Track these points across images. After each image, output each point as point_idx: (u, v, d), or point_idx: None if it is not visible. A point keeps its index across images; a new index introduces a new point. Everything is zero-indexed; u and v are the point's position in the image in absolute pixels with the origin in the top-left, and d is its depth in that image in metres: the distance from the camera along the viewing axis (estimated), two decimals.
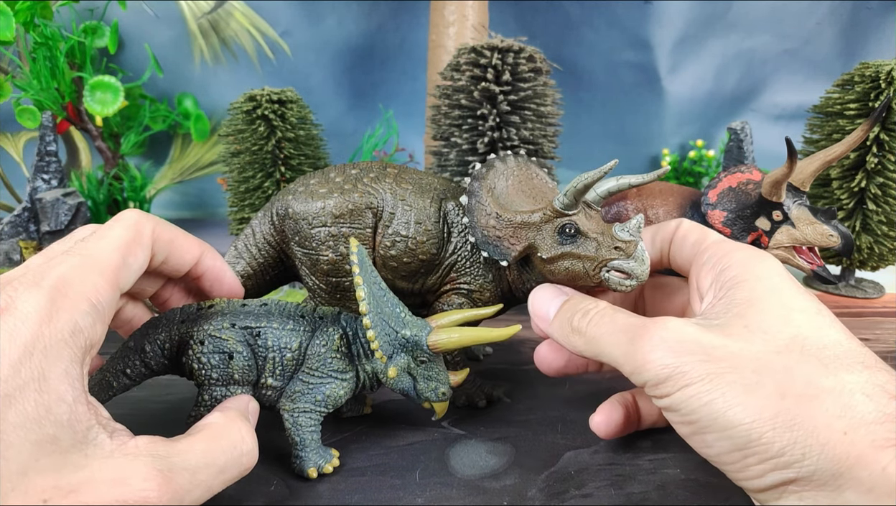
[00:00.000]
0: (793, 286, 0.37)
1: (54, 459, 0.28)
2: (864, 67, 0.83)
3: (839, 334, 0.34)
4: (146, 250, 0.40)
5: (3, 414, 0.27)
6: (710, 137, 1.56)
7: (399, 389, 0.45)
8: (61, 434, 0.29)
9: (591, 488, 0.43)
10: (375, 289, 0.45)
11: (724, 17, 1.51)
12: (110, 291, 0.35)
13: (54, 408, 0.29)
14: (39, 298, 0.31)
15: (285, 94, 0.90)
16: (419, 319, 0.46)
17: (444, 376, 0.46)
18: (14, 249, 1.00)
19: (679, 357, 0.33)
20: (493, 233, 0.48)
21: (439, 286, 0.54)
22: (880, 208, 0.82)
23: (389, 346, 0.44)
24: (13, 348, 0.29)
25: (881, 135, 0.80)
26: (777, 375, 0.31)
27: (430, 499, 0.42)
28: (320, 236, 0.52)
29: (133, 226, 0.39)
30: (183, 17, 1.49)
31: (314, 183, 0.54)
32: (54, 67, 1.17)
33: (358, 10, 1.51)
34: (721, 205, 0.61)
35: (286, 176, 0.91)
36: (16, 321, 0.30)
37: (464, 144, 0.81)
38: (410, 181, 0.54)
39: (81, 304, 0.33)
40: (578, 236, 0.45)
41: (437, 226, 0.52)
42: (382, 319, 0.44)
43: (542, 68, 0.82)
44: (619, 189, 0.44)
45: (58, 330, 0.31)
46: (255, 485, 0.43)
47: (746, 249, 0.40)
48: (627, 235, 0.43)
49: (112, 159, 1.32)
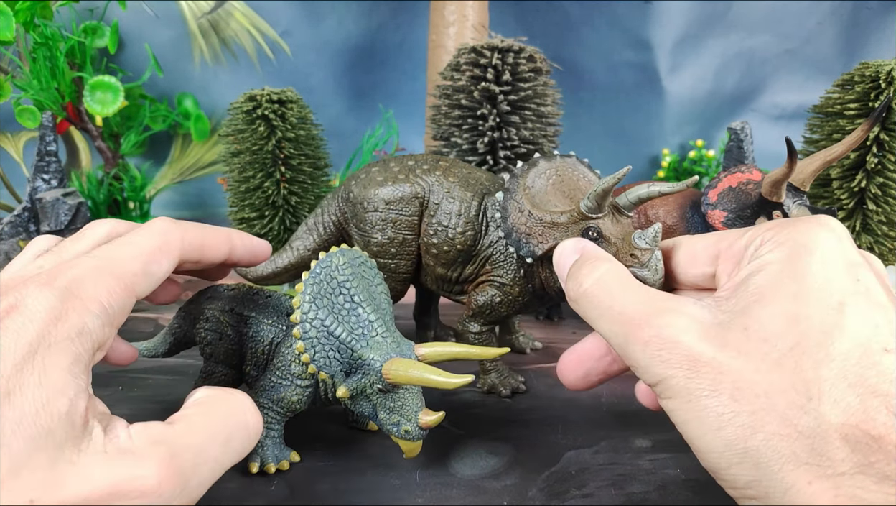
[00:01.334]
0: (841, 265, 0.31)
1: (48, 454, 0.28)
2: (864, 67, 0.83)
3: (855, 341, 0.29)
4: (171, 259, 0.39)
5: (3, 412, 0.27)
6: (710, 137, 1.56)
7: (359, 413, 0.42)
8: (57, 428, 0.28)
9: (592, 487, 0.43)
10: (342, 300, 0.42)
11: (724, 17, 1.51)
12: (124, 296, 0.35)
13: (53, 401, 0.29)
14: (50, 297, 0.31)
15: (285, 94, 0.90)
16: (404, 343, 0.42)
17: (412, 412, 0.40)
18: (14, 249, 1.00)
19: (667, 368, 0.32)
20: (522, 229, 0.49)
21: (475, 277, 0.57)
22: (880, 208, 0.82)
23: (339, 363, 0.41)
24: (18, 346, 0.29)
25: (881, 135, 0.80)
26: (756, 404, 0.29)
27: (430, 499, 0.42)
28: (372, 220, 0.57)
29: (160, 235, 0.39)
30: (183, 17, 1.49)
31: (375, 171, 0.59)
32: (54, 67, 1.17)
33: (358, 10, 1.51)
34: (721, 205, 0.61)
35: (286, 176, 0.91)
36: (24, 320, 0.30)
37: (464, 144, 0.81)
38: (458, 175, 0.58)
39: (92, 306, 0.33)
40: (601, 241, 0.45)
41: (476, 219, 0.56)
42: (328, 333, 0.41)
43: (542, 68, 0.82)
44: (650, 196, 0.44)
45: (65, 329, 0.31)
46: (255, 485, 0.43)
47: (795, 220, 0.34)
48: (644, 243, 0.43)
49: (112, 159, 1.32)
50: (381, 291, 0.46)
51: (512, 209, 0.50)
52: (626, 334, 0.34)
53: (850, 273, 0.31)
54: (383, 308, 0.45)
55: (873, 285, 0.31)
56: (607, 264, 0.38)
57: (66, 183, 1.10)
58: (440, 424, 0.51)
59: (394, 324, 0.45)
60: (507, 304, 0.56)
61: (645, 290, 0.36)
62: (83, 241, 0.38)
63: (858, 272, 0.32)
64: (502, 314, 0.56)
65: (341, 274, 0.43)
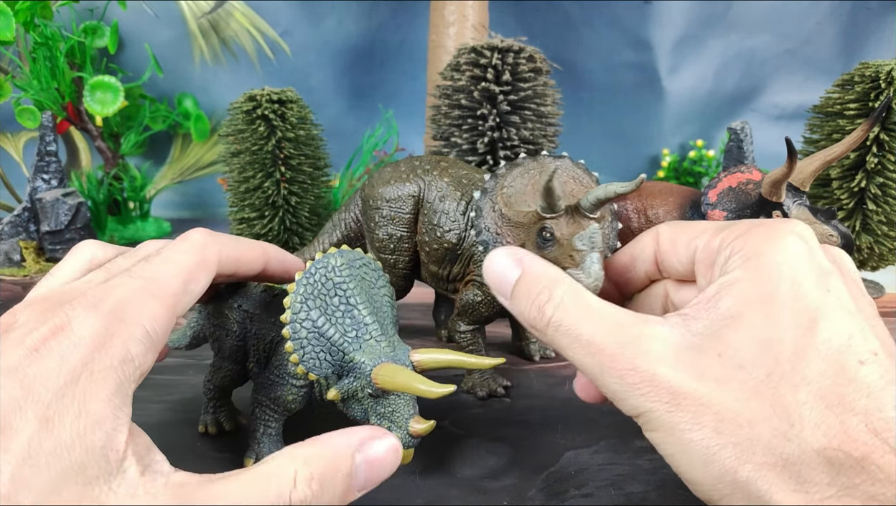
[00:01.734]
0: (811, 276, 0.31)
1: (77, 489, 0.27)
2: (864, 67, 0.83)
3: (828, 359, 0.29)
4: (209, 275, 0.39)
5: (40, 439, 0.27)
6: (710, 137, 1.56)
7: (352, 417, 0.42)
8: (90, 462, 0.28)
9: (591, 487, 0.43)
10: (338, 301, 0.41)
11: (724, 17, 1.51)
12: (167, 318, 0.34)
13: (89, 434, 0.28)
14: (95, 322, 0.31)
15: (285, 94, 0.90)
16: (400, 348, 0.41)
17: (403, 420, 0.39)
18: (14, 249, 1.00)
19: (646, 401, 0.30)
20: (493, 229, 0.49)
21: (462, 275, 0.58)
22: (880, 208, 0.82)
23: (330, 365, 0.41)
24: (63, 372, 0.29)
25: (881, 135, 0.80)
26: (741, 435, 0.28)
27: (430, 499, 0.42)
28: (376, 217, 0.60)
29: (199, 250, 0.38)
30: (183, 17, 1.49)
31: (387, 170, 0.62)
32: (54, 67, 1.17)
33: (358, 10, 1.52)
34: (721, 205, 0.61)
35: (286, 176, 0.91)
36: (69, 344, 0.30)
37: (464, 144, 0.81)
38: (454, 175, 0.59)
39: (136, 331, 0.32)
40: (552, 242, 0.44)
41: (462, 218, 0.56)
42: (320, 334, 0.40)
43: (542, 68, 0.82)
44: (608, 196, 0.43)
45: (109, 356, 0.30)
46: None
47: (762, 227, 0.33)
48: (581, 244, 0.43)
49: (112, 159, 1.32)
50: (383, 294, 0.46)
51: (486, 208, 0.50)
52: (600, 365, 0.32)
53: (821, 284, 0.31)
54: (384, 311, 0.44)
55: (843, 294, 0.31)
56: (562, 287, 0.35)
57: (66, 183, 1.10)
58: (440, 424, 0.51)
59: (395, 327, 0.45)
60: (486, 304, 0.56)
61: (610, 313, 0.34)
62: (131, 258, 0.38)
63: (829, 282, 0.31)
64: (483, 314, 0.57)
65: (338, 275, 0.42)
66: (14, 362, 0.29)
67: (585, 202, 0.44)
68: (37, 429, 0.27)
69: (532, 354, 0.66)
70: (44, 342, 0.30)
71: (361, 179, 1.32)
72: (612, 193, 0.43)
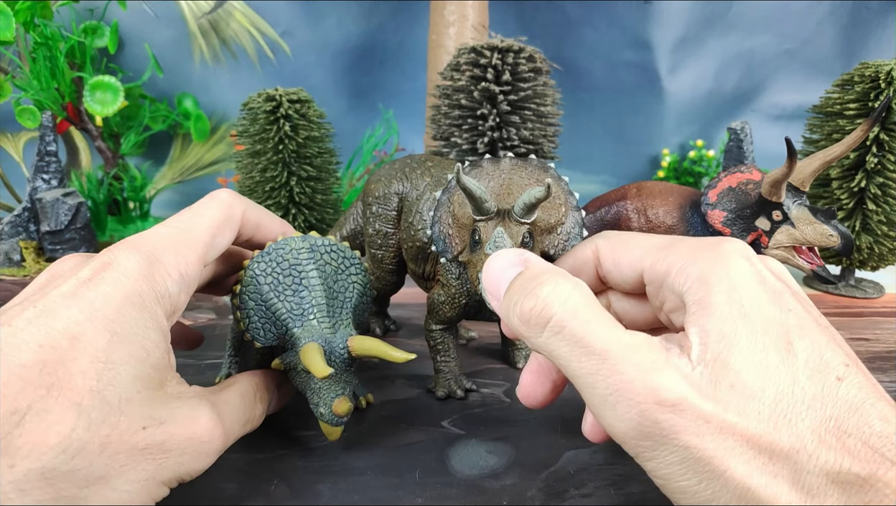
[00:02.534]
0: (766, 299, 0.31)
1: (148, 393, 0.33)
2: (864, 67, 0.83)
3: (813, 381, 0.29)
4: (233, 231, 0.43)
5: (114, 348, 0.32)
6: (710, 137, 1.56)
7: (296, 386, 0.45)
8: (154, 375, 0.34)
9: (591, 487, 0.43)
10: (290, 281, 0.45)
11: (724, 17, 1.51)
12: (197, 264, 0.39)
13: (153, 352, 0.34)
14: (139, 259, 0.35)
15: (300, 93, 0.92)
16: (342, 332, 0.44)
17: (328, 398, 0.42)
18: (14, 249, 1.00)
19: (678, 437, 0.28)
20: (445, 229, 0.50)
21: (433, 275, 0.58)
22: (880, 208, 0.82)
23: (275, 337, 0.45)
24: (117, 296, 0.33)
25: (881, 135, 0.80)
26: (768, 466, 0.28)
27: (430, 499, 0.42)
28: (367, 214, 0.62)
29: (227, 207, 0.43)
30: (183, 17, 1.49)
31: (385, 168, 0.63)
32: (54, 67, 1.17)
33: (358, 10, 1.51)
34: (721, 205, 0.61)
35: (311, 174, 0.94)
36: (118, 274, 0.34)
37: (464, 144, 0.81)
38: (434, 175, 0.59)
39: (173, 272, 0.37)
40: (479, 245, 0.44)
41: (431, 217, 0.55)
42: (267, 308, 0.45)
43: (542, 68, 0.82)
44: (531, 201, 0.42)
45: (153, 288, 0.35)
46: (255, 485, 0.43)
47: (707, 250, 0.33)
48: (488, 249, 0.42)
49: (112, 159, 1.32)
50: (353, 281, 0.49)
51: (443, 209, 0.50)
52: (614, 387, 0.29)
53: (779, 305, 0.31)
54: (346, 296, 0.48)
55: (800, 311, 0.31)
56: (571, 284, 0.32)
57: (66, 183, 1.10)
58: (440, 424, 0.51)
59: (350, 314, 0.47)
60: (448, 303, 0.54)
61: (615, 324, 0.31)
62: None
63: (784, 302, 0.31)
64: (447, 314, 0.55)
65: (294, 257, 0.46)
66: (72, 289, 0.33)
67: (516, 207, 0.43)
68: (109, 340, 0.32)
69: (516, 360, 0.63)
70: (95, 274, 0.34)
71: (361, 179, 1.32)
72: (532, 199, 0.42)
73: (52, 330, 0.31)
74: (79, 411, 0.29)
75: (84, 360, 0.31)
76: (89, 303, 0.32)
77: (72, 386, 0.30)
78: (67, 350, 0.31)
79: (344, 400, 0.42)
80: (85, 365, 0.31)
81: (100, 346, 0.31)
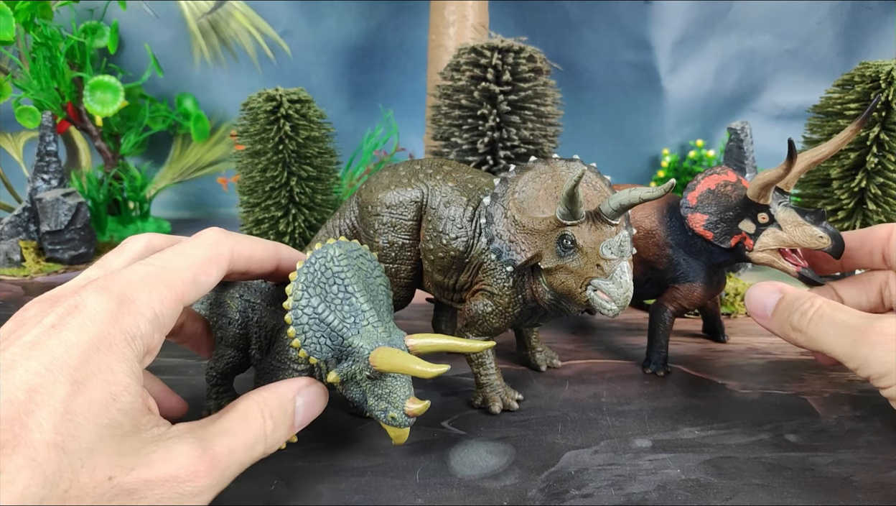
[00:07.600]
0: None
1: (116, 442, 0.31)
2: (864, 67, 0.83)
3: None
4: (220, 270, 0.41)
5: (74, 398, 0.30)
6: (710, 137, 1.56)
7: (350, 399, 0.43)
8: (123, 420, 0.32)
9: (591, 488, 0.43)
10: (336, 289, 0.43)
11: (724, 17, 1.51)
12: (174, 304, 0.37)
13: (120, 397, 0.32)
14: (108, 300, 0.34)
15: (300, 93, 0.92)
16: (396, 333, 0.43)
17: (399, 400, 0.41)
18: (14, 249, 1.00)
19: None
20: (506, 236, 0.48)
21: (470, 285, 0.55)
22: (880, 208, 0.82)
23: (330, 349, 0.42)
24: (82, 342, 0.32)
25: (881, 135, 0.80)
26: None
27: (430, 499, 0.42)
28: (375, 224, 0.57)
29: (212, 246, 0.41)
30: (183, 17, 1.49)
31: (385, 175, 0.58)
32: (54, 67, 1.17)
33: (358, 9, 1.52)
34: (702, 208, 0.59)
35: (311, 174, 0.93)
36: (85, 319, 0.33)
37: (464, 144, 0.81)
38: (458, 179, 0.55)
39: (145, 312, 0.35)
40: (574, 249, 0.43)
41: (469, 225, 0.53)
42: (320, 320, 0.42)
43: (542, 68, 0.82)
44: (631, 203, 0.42)
45: (122, 330, 0.34)
46: (255, 485, 0.43)
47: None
48: (609, 253, 0.41)
49: (112, 159, 1.32)
50: (379, 283, 0.47)
51: (497, 215, 0.48)
52: (854, 339, 0.43)
53: None
54: (379, 299, 0.46)
55: None
56: (820, 298, 0.47)
57: (66, 183, 1.10)
58: (440, 424, 0.51)
59: (391, 315, 0.46)
60: (497, 315, 0.52)
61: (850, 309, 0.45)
62: (124, 254, 0.41)
63: None
64: (493, 326, 0.53)
65: (336, 264, 0.44)
66: (34, 338, 0.32)
67: (607, 208, 0.42)
68: (69, 390, 0.30)
69: (538, 363, 0.63)
70: (59, 319, 0.33)
71: (362, 178, 1.32)
72: (636, 200, 0.41)
73: (9, 384, 0.30)
74: (33, 467, 0.28)
75: (41, 412, 0.29)
76: (49, 352, 0.31)
77: (27, 441, 0.28)
78: (24, 403, 0.29)
79: (415, 399, 0.41)
80: (42, 418, 0.29)
81: (58, 396, 0.30)
